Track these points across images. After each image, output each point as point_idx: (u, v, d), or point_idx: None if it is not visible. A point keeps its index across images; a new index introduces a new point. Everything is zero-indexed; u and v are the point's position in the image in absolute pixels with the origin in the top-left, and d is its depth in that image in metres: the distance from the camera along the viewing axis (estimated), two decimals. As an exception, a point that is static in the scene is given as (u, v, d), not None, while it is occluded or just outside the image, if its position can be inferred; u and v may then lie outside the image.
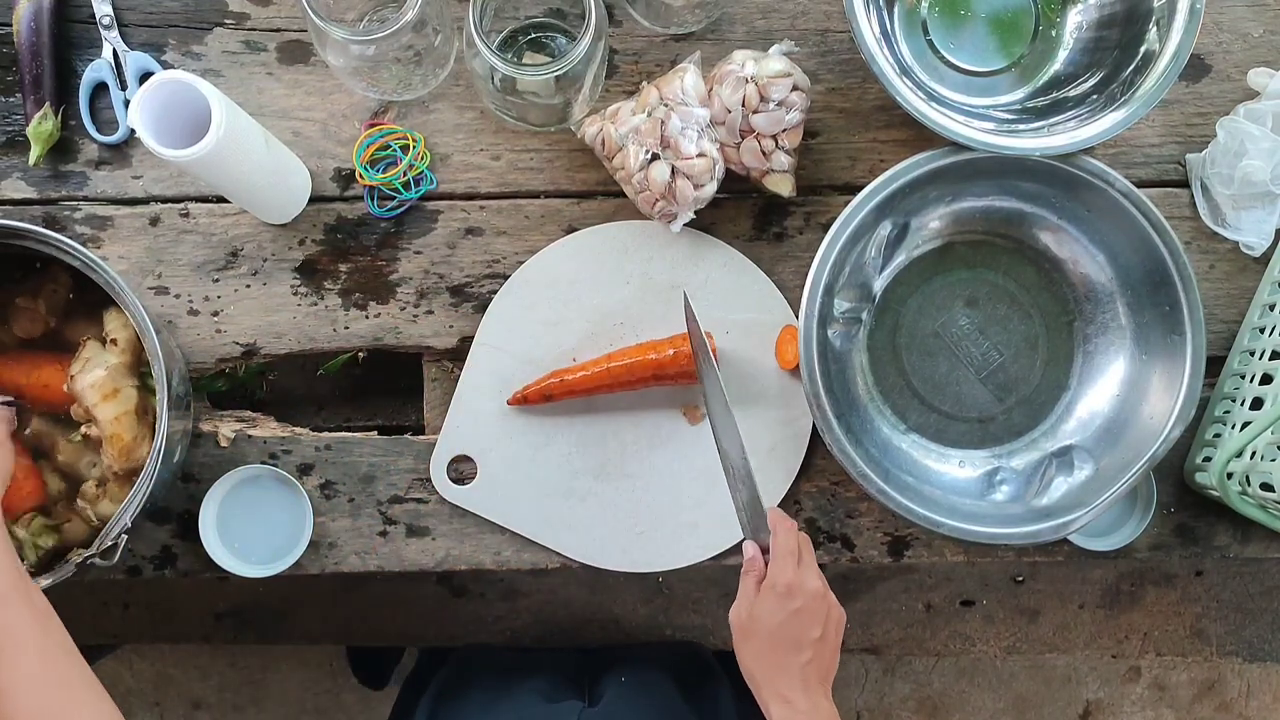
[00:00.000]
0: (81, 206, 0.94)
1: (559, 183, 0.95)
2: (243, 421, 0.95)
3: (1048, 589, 1.20)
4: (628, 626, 1.20)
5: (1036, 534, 0.87)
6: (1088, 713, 1.86)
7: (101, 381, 0.82)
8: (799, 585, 0.77)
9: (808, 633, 0.76)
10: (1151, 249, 0.88)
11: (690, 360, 0.88)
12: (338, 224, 0.94)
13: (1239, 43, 0.95)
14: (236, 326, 0.94)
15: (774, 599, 0.76)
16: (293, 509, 0.92)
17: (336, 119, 0.94)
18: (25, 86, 0.91)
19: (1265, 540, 0.96)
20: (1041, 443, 0.94)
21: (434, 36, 0.85)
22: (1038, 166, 0.87)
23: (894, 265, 0.94)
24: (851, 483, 0.90)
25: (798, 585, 0.77)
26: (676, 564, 0.94)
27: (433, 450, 0.94)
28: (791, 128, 0.88)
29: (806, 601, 0.76)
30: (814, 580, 0.78)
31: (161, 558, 0.95)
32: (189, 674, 1.82)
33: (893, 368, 0.94)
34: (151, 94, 0.74)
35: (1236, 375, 0.93)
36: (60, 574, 0.79)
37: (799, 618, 0.76)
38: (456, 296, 0.95)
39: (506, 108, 0.91)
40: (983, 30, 0.94)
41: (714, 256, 0.94)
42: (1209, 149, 0.93)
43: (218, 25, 0.94)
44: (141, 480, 0.80)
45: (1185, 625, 1.18)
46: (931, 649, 1.22)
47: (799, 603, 0.76)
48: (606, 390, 0.91)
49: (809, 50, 0.94)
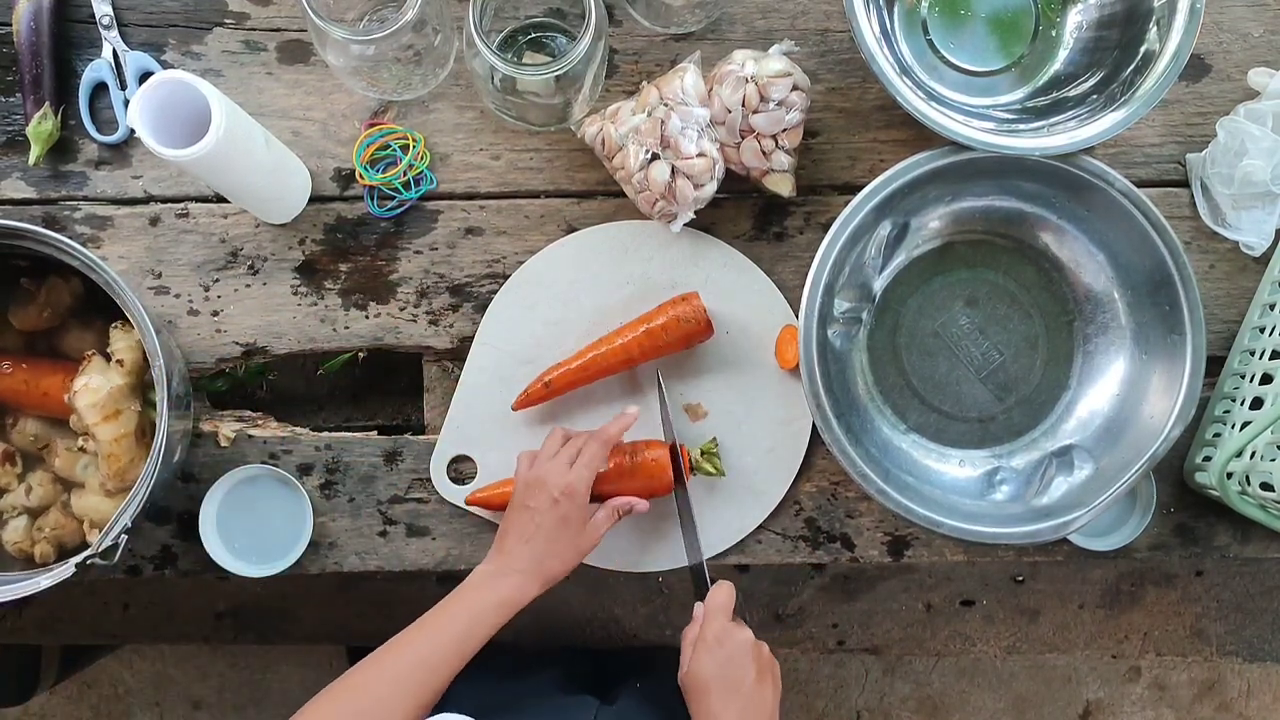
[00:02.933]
0: (81, 206, 0.94)
1: (559, 183, 0.95)
2: (243, 421, 0.95)
3: (1048, 589, 1.20)
4: (628, 626, 1.20)
5: (1036, 534, 0.87)
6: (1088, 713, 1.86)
7: (103, 402, 0.82)
8: (726, 635, 0.82)
9: (743, 678, 0.80)
10: (1151, 249, 0.88)
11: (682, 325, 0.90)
12: (338, 224, 0.94)
13: (1239, 43, 0.95)
14: (236, 326, 0.94)
15: (706, 650, 0.81)
16: (293, 509, 0.92)
17: (336, 119, 0.94)
18: (25, 86, 0.91)
19: (1265, 540, 0.96)
20: (1041, 442, 0.94)
21: (434, 36, 0.85)
22: (1038, 166, 0.87)
23: (894, 265, 0.94)
24: (851, 483, 0.90)
25: (725, 635, 0.82)
26: (676, 564, 0.94)
27: (433, 450, 0.94)
28: (791, 128, 0.88)
29: (735, 648, 0.81)
30: (742, 631, 0.83)
31: (161, 558, 0.95)
32: (189, 674, 1.82)
33: (893, 367, 0.94)
34: (151, 94, 0.74)
35: (1236, 375, 0.93)
36: (60, 574, 0.79)
37: (730, 664, 0.80)
38: (456, 296, 0.95)
39: (506, 108, 0.91)
40: (983, 30, 0.94)
41: (714, 256, 0.94)
42: (1209, 149, 0.93)
43: (218, 25, 0.94)
44: (141, 480, 0.80)
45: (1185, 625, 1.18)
46: (931, 649, 1.22)
47: (729, 649, 0.81)
48: (607, 372, 0.91)
49: (809, 50, 0.94)
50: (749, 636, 0.83)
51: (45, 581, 0.80)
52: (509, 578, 0.82)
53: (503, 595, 0.81)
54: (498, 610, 0.81)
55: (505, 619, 0.81)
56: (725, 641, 0.81)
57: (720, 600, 0.84)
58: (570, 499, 0.83)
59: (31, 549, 0.86)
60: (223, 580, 0.99)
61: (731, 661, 0.80)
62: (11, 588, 0.79)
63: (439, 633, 0.80)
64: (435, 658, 0.78)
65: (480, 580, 0.83)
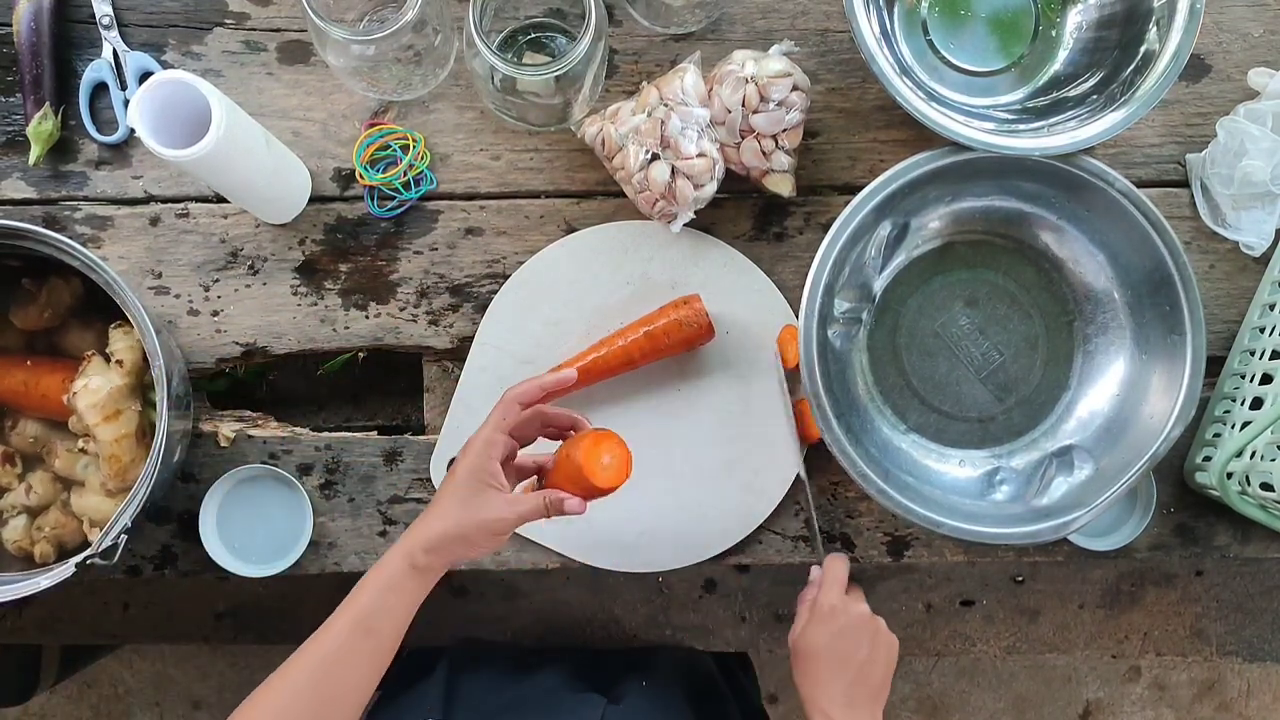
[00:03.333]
0: (81, 206, 0.94)
1: (559, 183, 0.95)
2: (243, 421, 0.95)
3: (1048, 589, 1.20)
4: (628, 626, 1.20)
5: (1036, 534, 0.87)
6: (1088, 713, 1.86)
7: (103, 403, 0.82)
8: (842, 608, 0.83)
9: (854, 653, 0.81)
10: (1151, 249, 0.88)
11: (684, 329, 0.89)
12: (338, 224, 0.94)
13: (1239, 43, 0.95)
14: (236, 326, 0.94)
15: (819, 620, 0.83)
16: (293, 509, 0.92)
17: (336, 119, 0.94)
18: (25, 86, 0.91)
19: (1265, 540, 0.96)
20: (1041, 443, 0.94)
21: (434, 36, 0.85)
22: (1038, 166, 0.87)
23: (894, 265, 0.94)
24: (851, 483, 0.90)
25: (841, 608, 0.83)
26: (676, 564, 0.94)
27: (433, 450, 0.94)
28: (791, 128, 0.88)
29: (850, 622, 0.82)
30: (859, 604, 0.84)
31: (161, 558, 0.95)
32: (189, 674, 1.82)
33: (893, 368, 0.94)
34: (151, 94, 0.74)
35: (1236, 375, 0.93)
36: (60, 574, 0.79)
37: (843, 638, 0.82)
38: (456, 296, 0.95)
39: (506, 108, 0.91)
40: (983, 30, 0.94)
41: (714, 256, 0.94)
42: (1209, 149, 0.93)
43: (218, 25, 0.94)
44: (141, 480, 0.80)
45: (1185, 625, 1.18)
46: (931, 649, 1.22)
47: (842, 623, 0.82)
48: (608, 374, 0.91)
49: (809, 50, 0.94)
50: (864, 610, 0.84)
51: (45, 581, 0.80)
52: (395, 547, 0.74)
53: (384, 565, 0.73)
54: (384, 585, 0.72)
55: (396, 590, 0.72)
56: (839, 614, 0.82)
57: (837, 572, 0.86)
58: (464, 454, 0.75)
59: (31, 549, 0.86)
60: (223, 580, 0.98)
61: (844, 635, 0.82)
62: (11, 588, 0.79)
63: (334, 626, 0.72)
64: (335, 654, 0.71)
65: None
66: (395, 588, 0.73)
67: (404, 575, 0.73)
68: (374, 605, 0.72)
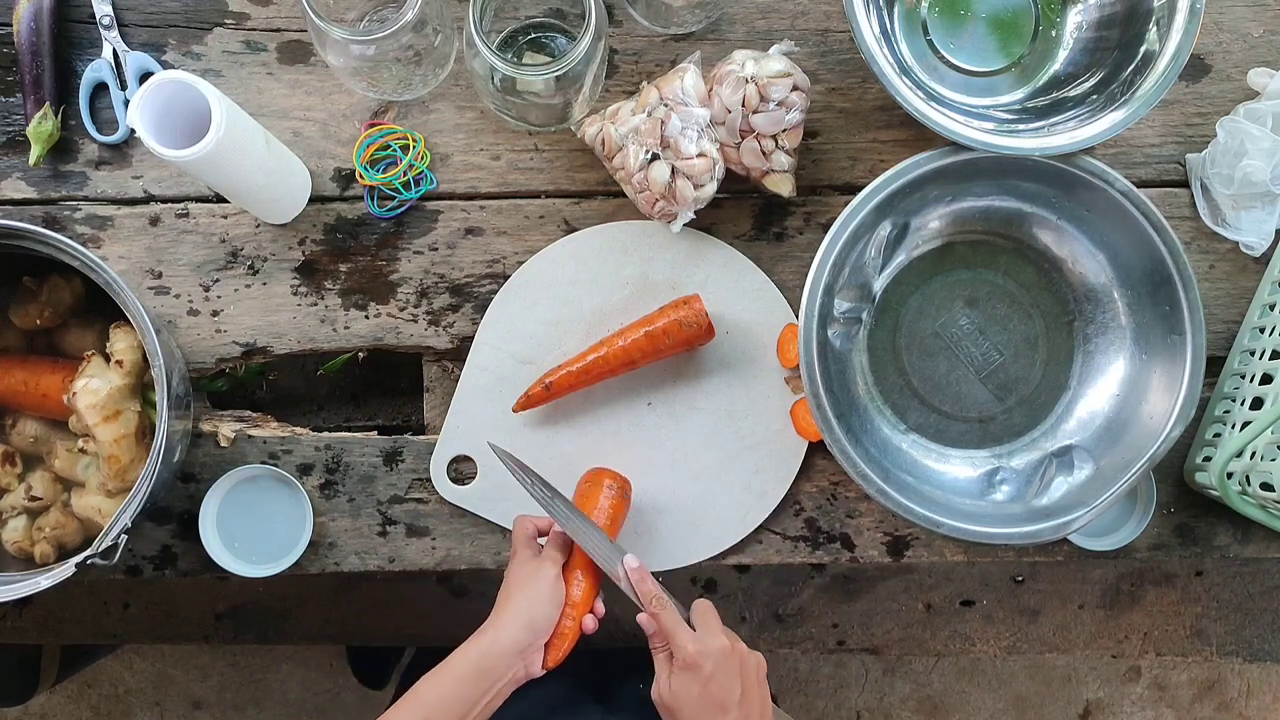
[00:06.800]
0: (81, 206, 0.94)
1: (559, 183, 0.95)
2: (243, 421, 0.95)
3: (1048, 589, 1.20)
4: (628, 626, 1.20)
5: (1036, 534, 0.87)
6: (1088, 713, 1.86)
7: (103, 403, 0.82)
8: (704, 652, 0.77)
9: (728, 696, 0.77)
10: (1151, 249, 0.88)
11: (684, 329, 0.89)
12: (338, 224, 0.94)
13: (1239, 43, 0.95)
14: (236, 326, 0.94)
15: (684, 675, 0.77)
16: (293, 509, 0.92)
17: (336, 119, 0.94)
18: (25, 86, 0.91)
19: (1265, 540, 0.96)
20: (1041, 443, 0.94)
21: (434, 36, 0.85)
22: (1038, 166, 0.87)
23: (894, 265, 0.94)
24: (851, 483, 0.90)
25: (704, 652, 0.77)
26: (676, 564, 0.94)
27: (433, 450, 0.94)
28: (791, 128, 0.88)
29: (716, 665, 0.77)
30: (717, 640, 0.78)
31: (161, 558, 0.95)
32: (189, 674, 1.82)
33: (893, 368, 0.94)
34: (151, 94, 0.74)
35: (1236, 375, 0.93)
36: (60, 574, 0.79)
37: (714, 683, 0.76)
38: (456, 296, 0.95)
39: (506, 108, 0.91)
40: (983, 30, 0.94)
41: (714, 256, 0.94)
42: (1209, 149, 0.93)
43: (218, 25, 0.94)
44: (141, 480, 0.80)
45: (1185, 625, 1.18)
46: (931, 649, 1.22)
47: (709, 669, 0.77)
48: (607, 374, 0.91)
49: (809, 50, 0.94)
50: (724, 644, 0.78)
51: (45, 581, 0.80)
52: (485, 631, 0.79)
53: (479, 643, 0.78)
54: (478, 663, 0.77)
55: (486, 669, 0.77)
56: (705, 659, 0.77)
57: (677, 613, 0.81)
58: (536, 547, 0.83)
59: (31, 549, 0.86)
60: (223, 580, 0.99)
61: (714, 680, 0.77)
62: (11, 588, 0.79)
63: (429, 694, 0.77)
64: None
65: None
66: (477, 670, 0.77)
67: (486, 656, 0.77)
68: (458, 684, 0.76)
